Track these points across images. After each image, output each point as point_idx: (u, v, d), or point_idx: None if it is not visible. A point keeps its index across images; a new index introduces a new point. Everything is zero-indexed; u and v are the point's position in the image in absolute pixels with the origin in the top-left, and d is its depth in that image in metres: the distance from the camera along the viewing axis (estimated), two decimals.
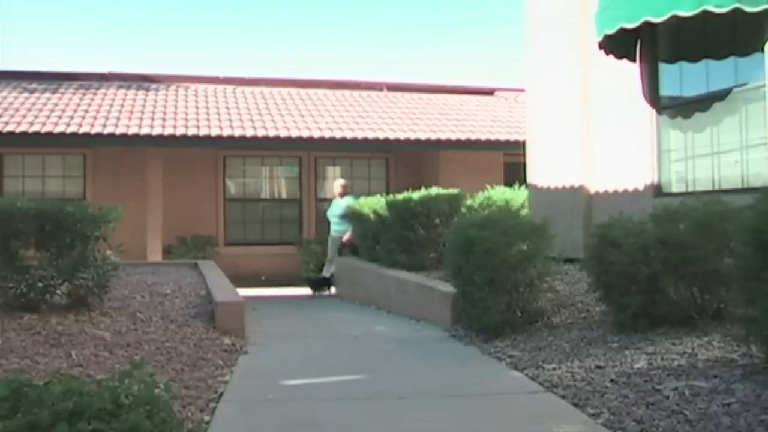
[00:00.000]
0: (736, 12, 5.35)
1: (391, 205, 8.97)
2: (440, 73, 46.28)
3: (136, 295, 6.81)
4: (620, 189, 7.35)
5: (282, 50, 39.79)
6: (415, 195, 8.84)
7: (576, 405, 3.73)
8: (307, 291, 11.03)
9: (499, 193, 8.95)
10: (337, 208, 11.05)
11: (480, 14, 41.20)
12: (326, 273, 10.90)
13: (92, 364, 4.53)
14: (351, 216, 10.57)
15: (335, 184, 11.78)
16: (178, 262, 10.63)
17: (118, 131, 12.61)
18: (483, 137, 13.99)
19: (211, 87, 16.13)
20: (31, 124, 12.54)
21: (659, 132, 7.06)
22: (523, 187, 9.07)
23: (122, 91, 15.17)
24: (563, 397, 3.91)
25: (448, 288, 6.57)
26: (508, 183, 9.97)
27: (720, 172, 6.50)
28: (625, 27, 6.10)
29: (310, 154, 14.90)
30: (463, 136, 13.93)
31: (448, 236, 6.70)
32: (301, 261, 12.80)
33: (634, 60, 7.04)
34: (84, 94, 14.65)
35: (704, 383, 3.64)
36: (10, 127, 12.35)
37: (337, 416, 3.74)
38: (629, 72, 7.16)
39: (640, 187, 7.12)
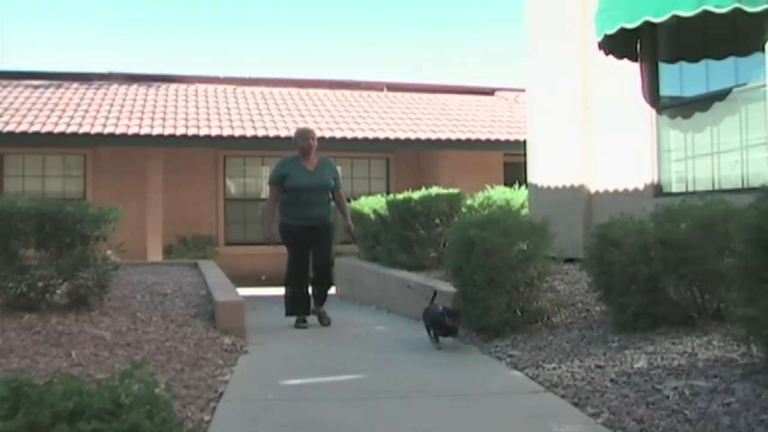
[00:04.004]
0: (736, 12, 5.35)
1: (391, 205, 8.97)
2: (440, 73, 46.32)
3: (136, 295, 6.81)
4: (620, 189, 7.36)
5: (282, 50, 39.82)
6: (415, 195, 8.84)
7: (576, 404, 3.73)
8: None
9: (499, 193, 8.95)
10: (320, 174, 6.94)
11: (480, 14, 41.24)
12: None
13: (92, 364, 4.53)
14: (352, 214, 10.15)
15: (304, 132, 7.15)
16: (179, 261, 10.63)
17: (118, 131, 12.63)
18: (483, 137, 14.01)
19: (211, 87, 16.15)
20: (31, 123, 12.56)
21: (659, 132, 7.07)
22: (523, 187, 9.07)
23: (122, 90, 15.19)
24: (563, 396, 3.91)
25: (449, 288, 6.57)
26: (508, 183, 9.98)
27: (720, 171, 6.51)
28: (625, 27, 6.10)
29: None
30: (463, 136, 13.94)
31: (448, 236, 6.70)
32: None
33: (634, 60, 7.04)
34: (84, 94, 14.67)
35: (704, 383, 3.64)
36: (10, 127, 12.37)
37: (338, 416, 3.74)
38: (629, 72, 7.16)
39: (640, 187, 7.12)
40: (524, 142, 9.34)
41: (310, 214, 6.85)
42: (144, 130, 12.77)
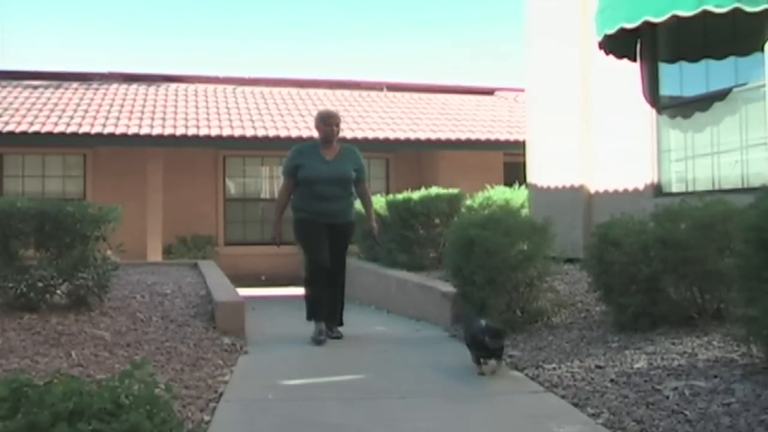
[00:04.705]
0: (736, 12, 5.35)
1: (391, 205, 8.97)
2: (440, 73, 46.35)
3: (136, 295, 6.81)
4: (620, 189, 7.36)
5: (282, 50, 39.82)
6: (415, 195, 8.84)
7: (576, 405, 3.73)
8: None
9: (499, 193, 8.96)
10: (340, 164, 6.05)
11: (480, 14, 41.25)
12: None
13: (92, 364, 4.53)
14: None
15: (327, 116, 6.24)
16: (178, 262, 10.63)
17: (118, 131, 12.63)
18: (483, 137, 14.01)
19: (211, 87, 16.15)
20: (31, 124, 12.56)
21: (659, 132, 7.07)
22: (523, 187, 9.07)
23: (122, 90, 15.19)
24: (563, 396, 3.90)
25: (448, 288, 6.57)
26: (508, 183, 9.98)
27: (720, 171, 6.51)
28: (625, 27, 6.10)
29: None
30: (463, 136, 13.95)
31: (448, 236, 6.69)
32: (302, 261, 12.77)
33: (634, 60, 7.04)
34: (84, 94, 14.67)
35: (704, 383, 3.64)
36: (10, 127, 12.37)
37: (337, 416, 3.74)
38: (629, 72, 7.16)
39: (640, 187, 7.12)
40: (524, 142, 9.33)
41: (326, 211, 5.98)
42: (144, 130, 12.76)
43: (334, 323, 6.16)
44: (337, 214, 6.03)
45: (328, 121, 6.14)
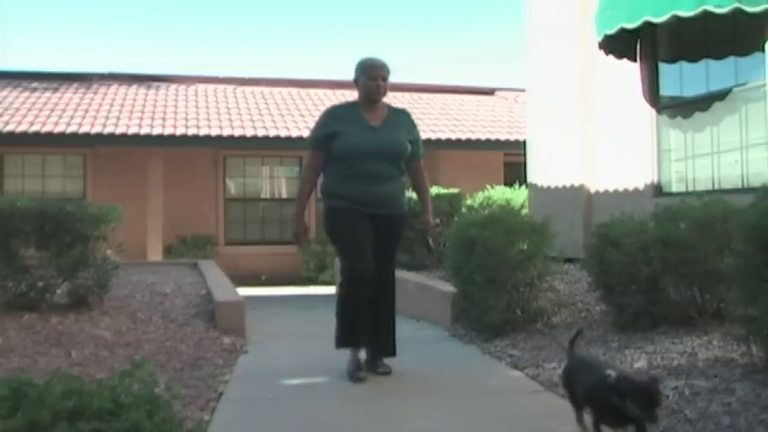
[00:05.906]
0: (736, 12, 5.35)
1: None
2: (440, 73, 46.35)
3: (136, 295, 6.81)
4: (620, 188, 7.36)
5: (282, 50, 39.84)
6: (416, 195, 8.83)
7: None
8: (307, 291, 10.98)
9: (499, 192, 8.96)
10: (391, 132, 4.51)
11: (480, 14, 41.28)
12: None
13: (92, 364, 4.53)
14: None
15: (372, 66, 4.66)
16: (179, 261, 10.63)
17: (118, 131, 12.63)
18: (483, 137, 14.01)
19: (211, 87, 16.15)
20: (31, 124, 12.56)
21: (659, 131, 7.07)
22: (523, 186, 9.08)
23: (122, 90, 15.20)
24: (563, 396, 3.89)
25: (449, 287, 6.56)
26: (508, 183, 10.00)
27: (720, 171, 6.51)
28: (625, 27, 6.11)
29: None
30: (463, 136, 13.95)
31: (448, 235, 6.70)
32: (302, 261, 12.80)
33: (634, 60, 7.05)
34: (84, 94, 14.67)
35: (704, 383, 3.64)
36: (10, 127, 12.37)
37: (337, 416, 3.74)
38: (629, 72, 7.16)
39: (640, 187, 7.12)
40: (524, 142, 9.34)
41: (370, 197, 4.39)
42: (144, 130, 12.77)
43: (381, 352, 4.61)
44: (386, 202, 4.45)
45: (372, 74, 4.54)
